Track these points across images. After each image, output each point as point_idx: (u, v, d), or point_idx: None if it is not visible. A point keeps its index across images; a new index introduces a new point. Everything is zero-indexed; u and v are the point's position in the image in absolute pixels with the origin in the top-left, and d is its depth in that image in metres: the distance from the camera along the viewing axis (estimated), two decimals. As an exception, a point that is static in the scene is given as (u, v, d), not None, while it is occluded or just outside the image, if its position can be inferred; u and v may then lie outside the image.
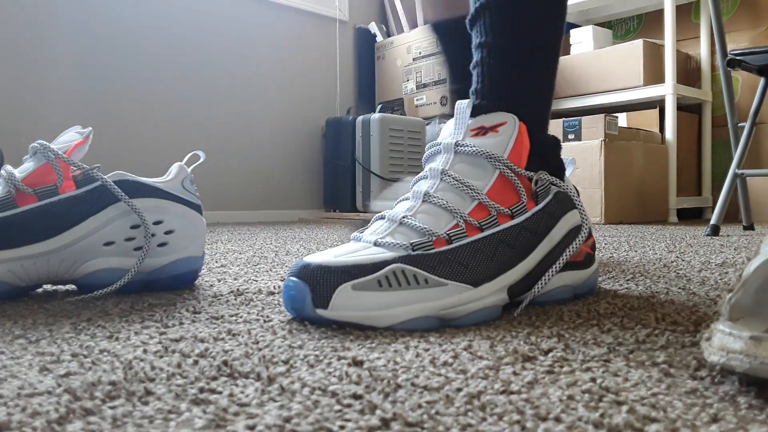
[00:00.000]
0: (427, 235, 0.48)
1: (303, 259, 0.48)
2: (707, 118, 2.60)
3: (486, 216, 0.51)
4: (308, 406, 0.28)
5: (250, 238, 1.46)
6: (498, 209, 0.51)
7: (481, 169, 0.53)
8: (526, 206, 0.53)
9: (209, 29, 2.51)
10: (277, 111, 2.72)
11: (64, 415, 0.27)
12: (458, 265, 0.48)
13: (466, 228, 0.50)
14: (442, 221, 0.50)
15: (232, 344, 0.40)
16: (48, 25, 2.11)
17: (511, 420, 0.26)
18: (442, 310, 0.46)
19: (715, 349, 0.30)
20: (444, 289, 0.46)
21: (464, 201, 0.51)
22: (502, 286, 0.49)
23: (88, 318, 0.49)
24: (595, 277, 0.59)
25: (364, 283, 0.44)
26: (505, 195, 0.52)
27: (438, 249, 0.48)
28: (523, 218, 0.52)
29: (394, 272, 0.45)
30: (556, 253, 0.53)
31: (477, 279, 0.48)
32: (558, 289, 0.54)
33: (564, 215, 0.54)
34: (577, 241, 0.54)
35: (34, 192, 0.57)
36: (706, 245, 1.18)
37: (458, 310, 0.47)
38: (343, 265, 0.45)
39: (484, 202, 0.51)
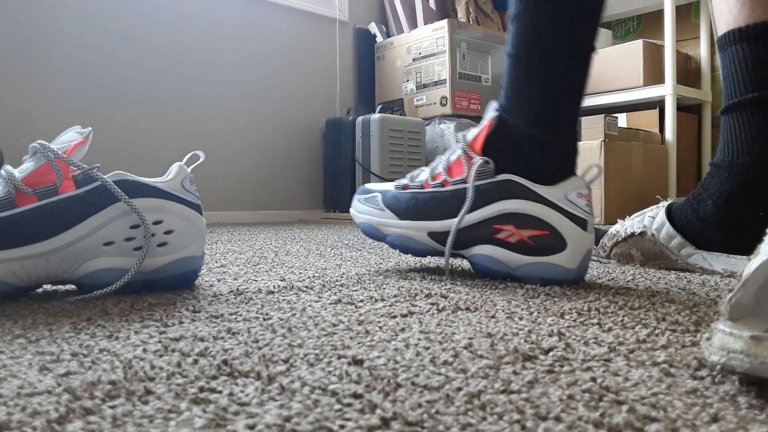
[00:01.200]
0: (406, 180, 0.76)
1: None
2: (707, 118, 2.60)
3: (438, 180, 0.72)
4: (308, 405, 0.28)
5: (250, 238, 1.46)
6: (446, 177, 0.72)
7: (456, 148, 0.73)
8: (465, 180, 0.70)
9: (209, 29, 2.51)
10: (277, 111, 2.72)
11: (64, 415, 0.27)
12: (398, 202, 0.74)
13: (424, 185, 0.74)
14: (422, 177, 0.75)
15: (232, 343, 0.40)
16: (48, 25, 2.11)
17: (511, 419, 0.26)
18: (377, 223, 0.76)
19: (715, 348, 0.30)
20: (382, 213, 0.76)
21: (437, 167, 0.74)
22: (421, 228, 0.72)
23: (88, 317, 0.49)
24: (531, 271, 0.66)
25: (361, 198, 0.80)
26: (458, 169, 0.71)
27: (403, 191, 0.75)
28: (456, 187, 0.70)
29: (374, 197, 0.78)
30: (483, 227, 0.68)
31: (403, 215, 0.74)
32: (486, 257, 0.68)
33: (502, 199, 0.67)
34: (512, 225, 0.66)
35: (33, 192, 0.57)
36: (706, 245, 1.17)
37: (385, 228, 0.75)
38: (365, 188, 0.81)
39: (441, 171, 0.72)
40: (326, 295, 0.59)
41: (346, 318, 0.48)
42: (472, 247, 0.69)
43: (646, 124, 2.46)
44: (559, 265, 0.65)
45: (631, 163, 2.22)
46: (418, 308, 0.52)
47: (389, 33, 3.06)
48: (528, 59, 0.68)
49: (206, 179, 2.47)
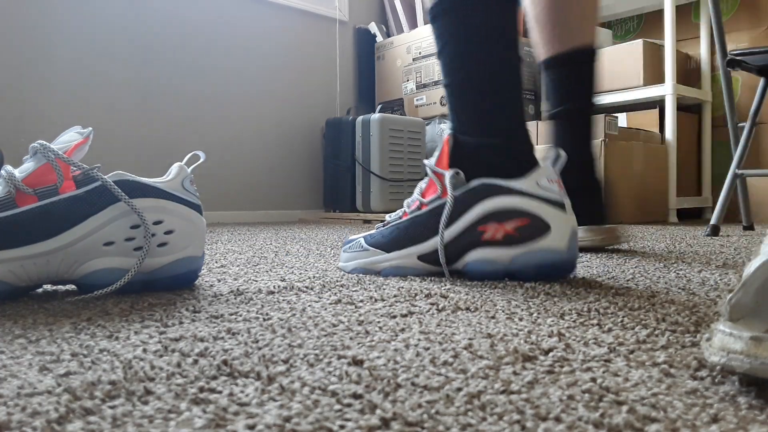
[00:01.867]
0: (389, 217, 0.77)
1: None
2: (707, 118, 2.60)
3: (414, 206, 0.74)
4: (308, 405, 0.28)
5: (250, 238, 1.46)
6: (421, 200, 0.73)
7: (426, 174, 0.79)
8: (441, 195, 0.71)
9: (209, 29, 2.51)
10: (277, 111, 2.72)
11: (64, 415, 0.27)
12: (382, 238, 0.75)
13: (403, 215, 0.75)
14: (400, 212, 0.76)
15: (232, 343, 0.40)
16: (48, 25, 2.11)
17: (511, 420, 0.26)
18: (367, 264, 0.75)
19: (715, 349, 0.30)
20: (367, 252, 0.76)
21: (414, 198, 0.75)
22: (409, 254, 0.72)
23: (88, 318, 0.49)
24: (524, 260, 0.67)
25: (345, 248, 0.80)
26: (431, 190, 0.73)
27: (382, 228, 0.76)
28: (433, 205, 0.71)
29: (357, 242, 0.78)
30: (468, 233, 0.69)
31: (389, 247, 0.74)
32: (480, 261, 0.69)
33: (479, 202, 0.69)
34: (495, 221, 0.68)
35: (34, 192, 0.57)
36: (706, 245, 1.18)
37: (376, 266, 0.74)
38: (349, 239, 0.80)
39: (416, 198, 0.74)
40: (326, 296, 0.59)
41: (346, 318, 0.48)
42: (463, 257, 0.70)
43: (646, 124, 2.46)
44: (548, 248, 0.67)
45: (631, 162, 2.22)
46: (418, 308, 0.52)
47: (389, 33, 3.06)
48: (459, 84, 0.75)
49: (206, 179, 2.47)
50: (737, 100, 2.50)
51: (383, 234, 0.75)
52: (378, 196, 2.49)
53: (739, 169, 1.58)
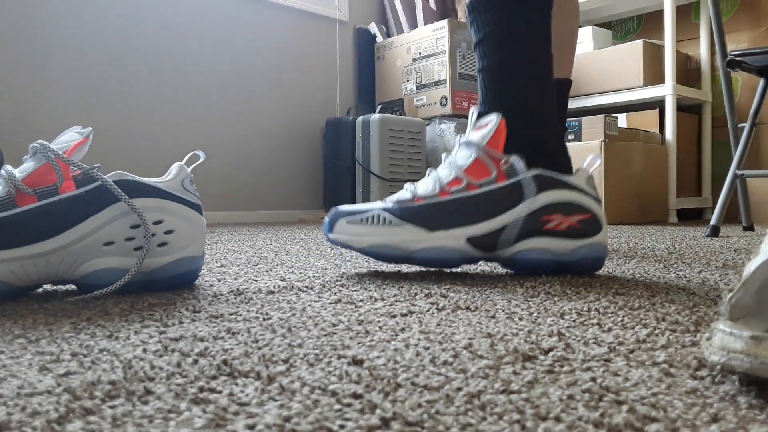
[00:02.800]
0: (411, 193, 0.71)
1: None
2: (707, 118, 2.60)
3: (459, 185, 0.70)
4: (308, 405, 0.28)
5: (250, 238, 1.46)
6: (470, 180, 0.70)
7: (469, 152, 0.72)
8: (496, 180, 0.70)
9: (209, 29, 2.51)
10: (277, 111, 2.72)
11: (64, 415, 0.27)
12: (419, 214, 0.69)
13: (441, 192, 0.70)
14: (429, 186, 0.71)
15: (232, 343, 0.40)
16: (48, 25, 2.11)
17: (511, 419, 0.26)
18: (398, 242, 0.68)
19: (715, 348, 0.30)
20: (402, 228, 0.69)
21: (450, 174, 0.71)
22: (459, 235, 0.69)
23: (88, 317, 0.49)
24: (584, 252, 0.71)
25: (353, 219, 0.70)
26: (479, 171, 0.70)
27: (414, 204, 0.70)
28: (488, 188, 0.69)
29: (373, 215, 0.70)
30: (529, 221, 0.69)
31: (433, 225, 0.69)
32: (536, 250, 0.70)
33: (541, 192, 0.69)
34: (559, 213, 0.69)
35: (34, 192, 0.57)
36: (705, 246, 1.18)
37: (411, 245, 0.68)
38: (348, 209, 0.72)
39: (459, 175, 0.70)
40: (326, 295, 0.59)
41: (346, 318, 0.48)
42: (516, 244, 0.70)
43: (646, 124, 2.46)
44: (602, 243, 0.72)
45: (631, 163, 2.22)
46: (418, 308, 0.52)
47: (389, 33, 3.06)
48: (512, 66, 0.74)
49: (206, 179, 2.47)
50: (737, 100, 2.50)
51: (418, 210, 0.69)
52: (378, 196, 2.49)
53: (739, 169, 1.58)
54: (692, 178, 2.61)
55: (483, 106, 0.76)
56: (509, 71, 0.75)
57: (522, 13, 0.74)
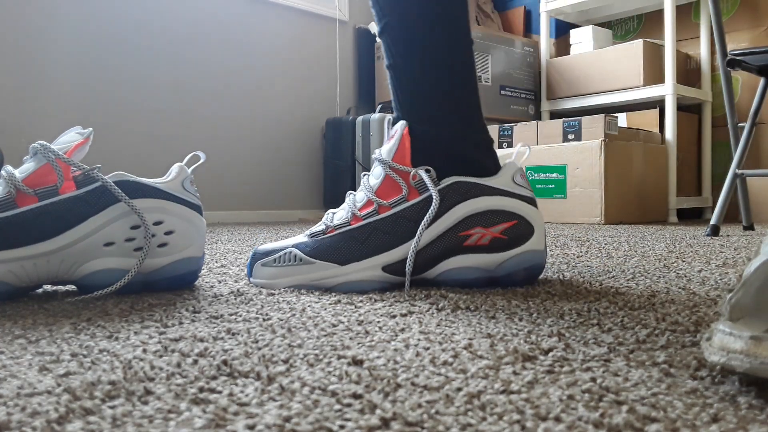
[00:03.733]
0: (324, 225, 0.64)
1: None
2: (707, 118, 2.60)
3: (369, 208, 0.63)
4: (308, 405, 0.28)
5: (250, 238, 1.46)
6: (379, 202, 0.63)
7: (379, 170, 0.65)
8: (407, 198, 0.63)
9: (209, 29, 2.51)
10: (277, 111, 2.72)
11: (64, 415, 0.27)
12: (330, 247, 0.63)
13: (353, 219, 0.64)
14: (344, 214, 0.64)
15: (232, 343, 0.40)
16: (48, 25, 2.11)
17: (511, 420, 0.26)
18: (312, 281, 0.62)
19: (715, 348, 0.30)
20: (313, 266, 0.63)
21: (363, 198, 0.64)
22: (372, 266, 0.62)
23: (88, 318, 0.49)
24: (514, 264, 0.63)
25: (266, 261, 0.65)
26: (389, 190, 0.64)
27: (324, 235, 0.64)
28: (400, 208, 0.63)
29: (286, 254, 0.64)
30: (447, 239, 0.62)
31: (344, 259, 0.62)
32: (460, 269, 0.63)
33: (459, 203, 0.62)
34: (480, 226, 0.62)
35: (34, 192, 0.57)
36: (706, 245, 1.18)
37: (326, 281, 0.62)
38: (264, 249, 0.66)
39: (371, 197, 0.64)
40: (326, 296, 0.59)
41: (346, 318, 0.48)
42: (438, 265, 0.63)
43: (646, 124, 2.46)
44: (534, 249, 0.64)
45: (631, 162, 2.22)
46: (418, 308, 0.52)
47: (389, 33, 3.05)
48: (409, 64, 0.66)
49: (206, 179, 2.47)
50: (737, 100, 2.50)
51: (329, 243, 0.63)
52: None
53: (739, 169, 1.58)
54: (692, 178, 2.61)
55: (395, 111, 0.68)
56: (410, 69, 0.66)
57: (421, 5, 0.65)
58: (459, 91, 0.67)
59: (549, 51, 2.74)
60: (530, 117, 2.73)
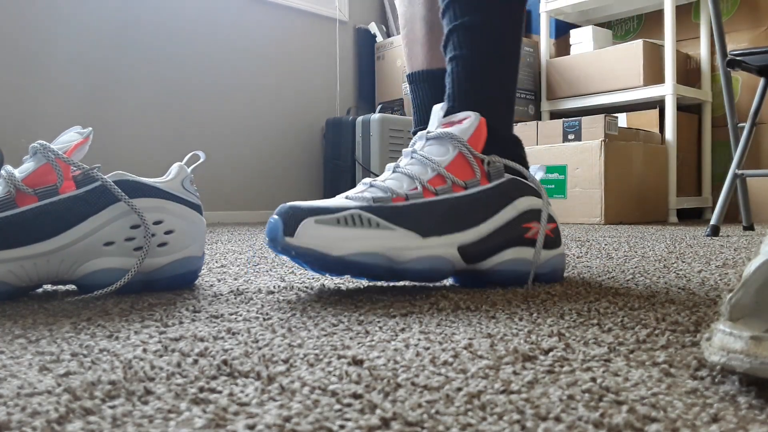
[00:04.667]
0: (387, 192, 0.59)
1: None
2: (707, 118, 2.60)
3: (442, 184, 0.61)
4: (308, 405, 0.28)
5: (250, 238, 1.46)
6: (453, 179, 0.61)
7: (445, 147, 0.63)
8: (479, 182, 0.62)
9: (209, 29, 2.51)
10: (277, 111, 2.72)
11: (64, 415, 0.27)
12: (410, 216, 0.58)
13: (424, 192, 0.60)
14: (405, 184, 0.60)
15: (232, 343, 0.40)
16: (48, 25, 2.11)
17: (511, 419, 0.26)
18: (389, 250, 0.56)
19: (715, 348, 0.30)
20: (393, 233, 0.56)
21: (426, 171, 0.61)
22: (450, 242, 0.59)
23: (88, 318, 0.49)
24: (557, 262, 0.67)
25: (325, 219, 0.55)
26: (462, 170, 0.62)
27: (395, 204, 0.58)
28: (475, 190, 0.61)
29: (351, 215, 0.55)
30: (511, 229, 0.63)
31: (426, 230, 0.58)
32: (516, 261, 0.63)
33: (520, 197, 0.63)
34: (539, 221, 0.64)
35: (34, 192, 0.57)
36: (706, 246, 1.18)
37: (404, 253, 0.56)
38: (310, 206, 0.56)
39: (442, 173, 0.61)
40: (326, 296, 0.59)
41: (346, 318, 0.48)
42: (495, 255, 0.62)
43: (646, 124, 2.46)
44: (564, 254, 0.69)
45: (631, 163, 2.22)
46: (418, 308, 0.52)
47: (389, 33, 3.06)
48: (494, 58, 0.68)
49: (206, 179, 2.47)
50: (737, 100, 2.50)
51: (407, 212, 0.58)
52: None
53: (739, 169, 1.58)
54: (692, 178, 2.61)
55: (453, 101, 0.68)
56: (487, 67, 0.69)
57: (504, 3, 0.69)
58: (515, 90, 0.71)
59: (549, 51, 2.74)
60: (530, 117, 2.73)
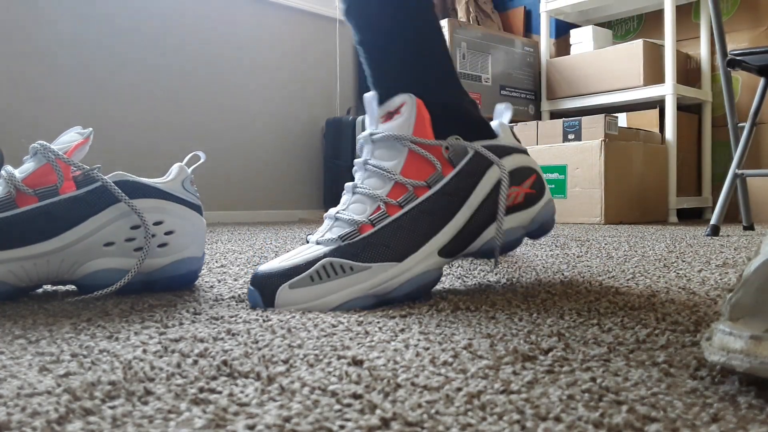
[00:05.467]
0: (352, 225, 0.55)
1: (257, 268, 0.55)
2: (707, 118, 2.60)
3: (404, 192, 0.56)
4: (308, 405, 0.28)
5: (250, 238, 1.46)
6: (413, 184, 0.56)
7: (394, 150, 0.58)
8: (442, 173, 0.58)
9: (209, 29, 2.51)
10: (277, 111, 2.72)
11: (64, 415, 0.27)
12: (380, 246, 0.54)
13: (387, 209, 0.56)
14: (368, 208, 0.56)
15: (232, 344, 0.40)
16: (49, 25, 2.11)
17: (511, 420, 0.26)
18: (371, 289, 0.53)
19: (715, 348, 0.30)
20: (369, 272, 0.53)
21: (384, 184, 0.57)
22: (429, 253, 0.56)
23: (88, 318, 0.49)
24: (545, 212, 0.64)
25: (298, 281, 0.52)
26: (419, 168, 0.57)
27: (363, 234, 0.54)
28: (440, 185, 0.57)
29: (323, 266, 0.52)
30: (487, 206, 0.59)
31: (400, 254, 0.54)
32: (511, 230, 0.61)
33: (488, 169, 0.59)
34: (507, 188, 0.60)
35: (34, 192, 0.57)
36: (706, 245, 1.18)
37: (388, 285, 0.53)
38: (281, 269, 0.53)
39: (399, 180, 0.56)
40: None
41: (346, 319, 0.48)
42: (481, 235, 0.59)
43: (646, 124, 2.46)
44: (551, 199, 0.66)
45: (631, 162, 2.22)
46: (418, 308, 0.52)
47: (389, 33, 3.05)
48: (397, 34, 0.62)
49: (206, 179, 2.47)
50: (737, 100, 2.50)
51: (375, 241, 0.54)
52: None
53: (739, 169, 1.58)
54: (692, 178, 2.61)
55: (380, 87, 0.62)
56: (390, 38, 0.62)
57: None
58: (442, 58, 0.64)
59: (549, 51, 2.74)
60: (530, 117, 2.73)
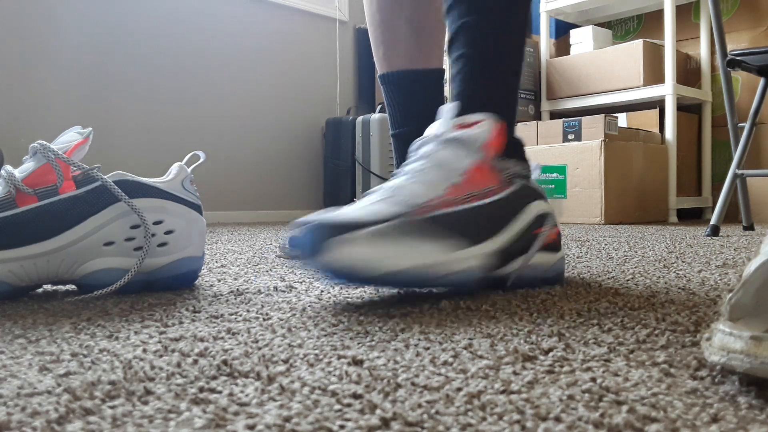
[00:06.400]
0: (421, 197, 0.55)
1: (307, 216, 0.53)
2: (707, 118, 2.60)
3: (462, 194, 0.57)
4: (308, 405, 0.28)
5: (250, 238, 1.46)
6: (472, 190, 0.58)
7: (462, 153, 0.60)
8: (498, 189, 0.60)
9: (209, 29, 2.51)
10: (277, 111, 2.72)
11: (64, 415, 0.27)
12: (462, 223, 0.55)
13: (443, 203, 0.56)
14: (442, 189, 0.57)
15: (232, 343, 0.40)
16: (48, 25, 2.11)
17: (511, 420, 0.26)
18: (440, 262, 0.53)
19: (715, 348, 0.30)
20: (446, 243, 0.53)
21: (444, 180, 0.58)
22: (478, 254, 0.56)
23: (88, 318, 0.49)
24: (561, 265, 0.67)
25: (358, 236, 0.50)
26: (479, 177, 0.59)
27: (421, 216, 0.54)
28: (495, 198, 0.59)
29: (396, 225, 0.52)
30: (527, 235, 0.61)
31: (476, 237, 0.56)
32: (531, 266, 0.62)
33: (531, 202, 0.62)
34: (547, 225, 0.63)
35: (34, 192, 0.57)
36: (706, 245, 1.18)
37: (436, 269, 0.53)
38: (341, 221, 0.51)
39: (459, 181, 0.58)
40: (326, 296, 0.59)
41: (346, 318, 0.48)
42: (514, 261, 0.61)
43: (646, 124, 2.46)
44: (564, 257, 0.67)
45: (631, 162, 2.22)
46: (418, 308, 0.52)
47: (389, 33, 3.05)
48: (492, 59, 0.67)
49: (206, 179, 2.47)
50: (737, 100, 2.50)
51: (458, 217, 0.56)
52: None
53: (739, 169, 1.58)
54: (692, 178, 2.61)
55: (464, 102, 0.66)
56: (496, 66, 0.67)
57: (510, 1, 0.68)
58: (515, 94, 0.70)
59: (549, 51, 2.74)
60: (530, 117, 2.73)
